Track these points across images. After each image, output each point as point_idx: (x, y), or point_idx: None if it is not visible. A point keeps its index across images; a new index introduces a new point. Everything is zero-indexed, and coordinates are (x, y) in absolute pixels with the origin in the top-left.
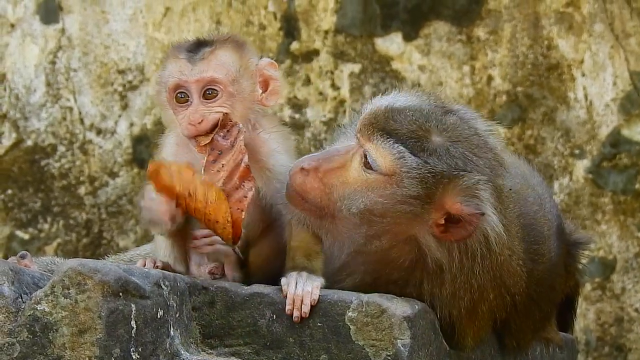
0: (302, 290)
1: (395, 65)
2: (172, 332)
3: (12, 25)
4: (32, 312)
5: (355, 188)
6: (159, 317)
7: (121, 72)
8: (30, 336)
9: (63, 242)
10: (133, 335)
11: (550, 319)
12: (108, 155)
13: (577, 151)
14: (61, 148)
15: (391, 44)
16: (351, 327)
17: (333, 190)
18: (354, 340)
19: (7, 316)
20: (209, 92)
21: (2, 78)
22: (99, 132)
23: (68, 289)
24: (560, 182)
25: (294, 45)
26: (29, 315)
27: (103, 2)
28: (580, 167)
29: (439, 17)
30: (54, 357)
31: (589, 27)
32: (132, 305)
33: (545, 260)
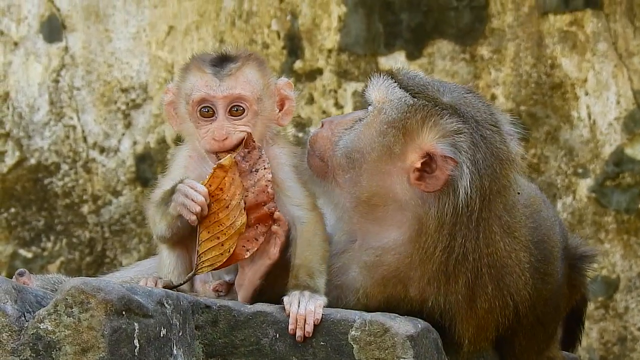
0: (305, 310)
1: None
2: (175, 351)
3: (15, 44)
4: (35, 330)
5: (351, 126)
6: (162, 335)
7: (124, 90)
8: (34, 355)
9: (66, 260)
10: (136, 354)
11: (554, 338)
12: (111, 173)
13: (580, 170)
14: (64, 166)
15: (395, 62)
16: (354, 345)
17: (336, 136)
18: (357, 359)
19: (10, 335)
20: (235, 109)
21: (6, 96)
22: (102, 150)
23: (71, 308)
24: (564, 201)
25: (298, 64)
26: (32, 333)
27: (106, 21)
28: (584, 186)
29: (443, 36)
30: None
31: (592, 46)
32: (135, 323)
33: (553, 281)
